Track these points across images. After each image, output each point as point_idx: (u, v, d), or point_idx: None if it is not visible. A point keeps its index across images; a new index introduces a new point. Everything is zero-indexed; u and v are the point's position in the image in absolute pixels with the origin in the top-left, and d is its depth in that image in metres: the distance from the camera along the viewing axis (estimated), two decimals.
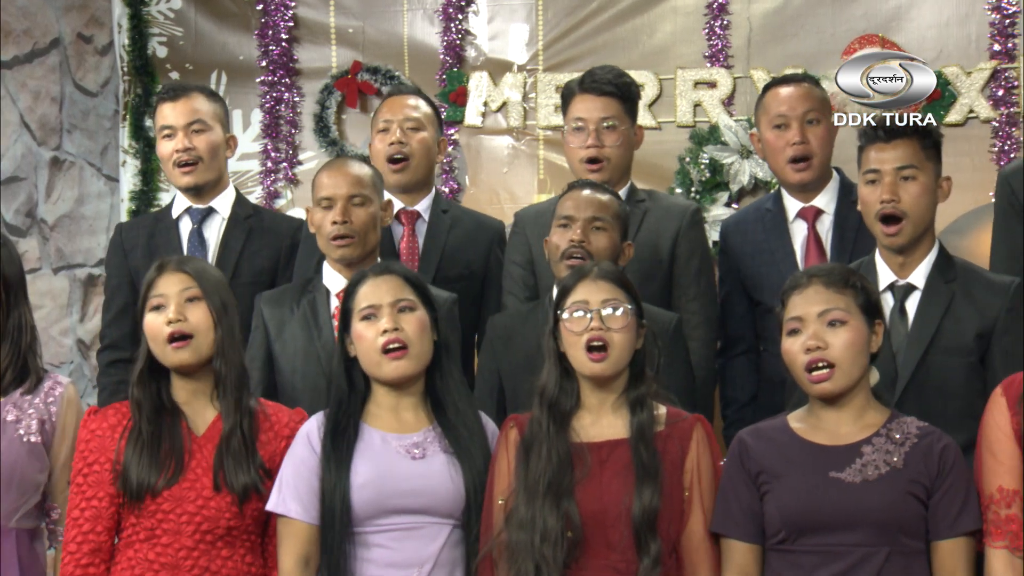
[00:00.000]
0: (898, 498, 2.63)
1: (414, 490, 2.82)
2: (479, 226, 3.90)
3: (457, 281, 3.68)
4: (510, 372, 3.27)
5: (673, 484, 2.74)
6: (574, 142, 3.71)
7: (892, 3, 4.71)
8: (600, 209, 3.26)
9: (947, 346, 3.06)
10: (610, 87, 3.70)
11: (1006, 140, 4.57)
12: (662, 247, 3.62)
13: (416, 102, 3.88)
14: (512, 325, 3.36)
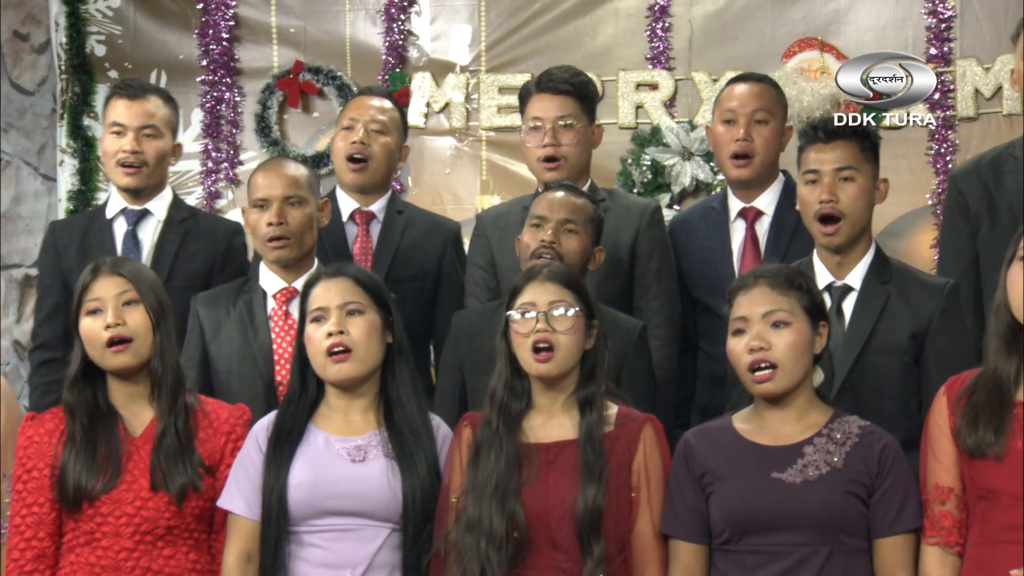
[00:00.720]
0: (838, 498, 2.65)
1: (349, 492, 2.82)
2: (434, 227, 3.89)
3: (410, 281, 3.67)
4: (473, 369, 3.26)
5: (621, 484, 2.75)
6: (531, 141, 3.71)
7: (831, 7, 4.77)
8: (573, 212, 3.27)
9: (882, 346, 3.10)
10: (566, 86, 3.71)
11: (943, 143, 4.63)
12: (622, 246, 3.62)
13: (384, 105, 3.86)
14: (477, 322, 3.35)
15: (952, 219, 3.64)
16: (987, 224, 3.54)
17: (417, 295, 3.70)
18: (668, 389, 3.59)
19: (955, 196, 3.63)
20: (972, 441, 2.62)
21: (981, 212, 3.56)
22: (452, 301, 3.75)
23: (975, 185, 3.59)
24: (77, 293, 2.93)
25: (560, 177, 3.62)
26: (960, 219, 3.61)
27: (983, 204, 3.56)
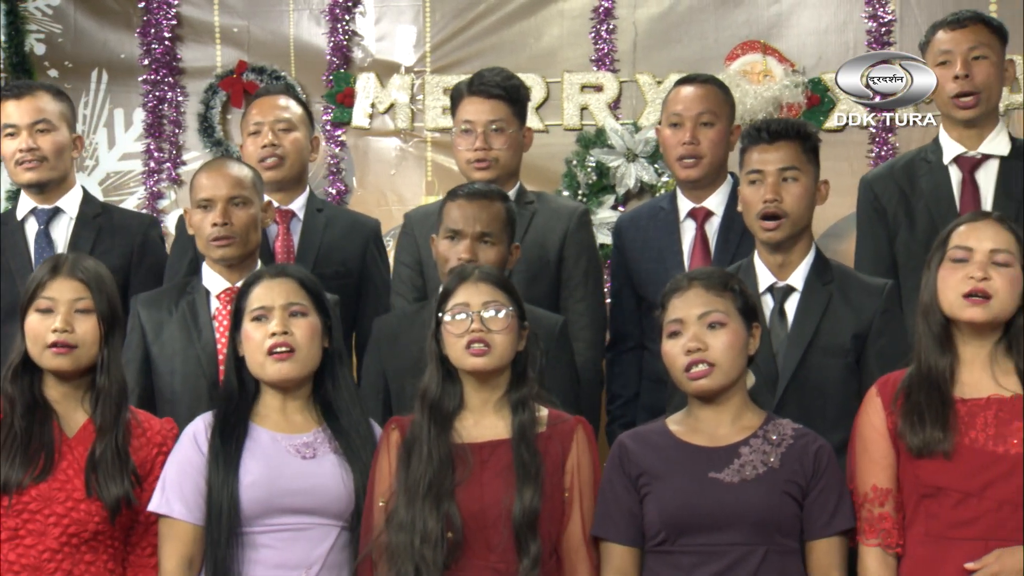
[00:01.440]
0: (775, 498, 2.67)
1: (304, 489, 2.80)
2: (354, 225, 3.89)
3: (333, 279, 3.66)
4: (396, 373, 3.26)
5: (554, 485, 2.76)
6: (462, 144, 3.72)
7: (773, 10, 4.80)
8: (488, 224, 3.25)
9: (825, 347, 3.12)
10: (498, 90, 3.71)
11: (883, 146, 4.68)
12: (550, 248, 3.63)
13: (286, 102, 3.86)
14: (398, 326, 3.34)
15: (869, 223, 3.69)
16: (905, 228, 3.60)
17: (340, 293, 3.67)
18: (593, 391, 3.63)
19: (871, 200, 3.69)
20: (919, 440, 2.65)
21: (899, 216, 3.62)
22: (375, 299, 3.77)
23: (891, 190, 3.65)
24: (31, 287, 2.89)
25: (490, 178, 3.63)
26: (877, 223, 3.66)
27: (900, 208, 3.62)
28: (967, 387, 2.68)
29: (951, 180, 3.61)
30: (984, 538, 2.61)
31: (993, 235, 2.69)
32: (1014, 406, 2.64)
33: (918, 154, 3.71)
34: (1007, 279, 2.66)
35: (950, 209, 3.53)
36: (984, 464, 2.62)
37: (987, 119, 3.62)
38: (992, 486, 2.61)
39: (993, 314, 2.66)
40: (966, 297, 2.66)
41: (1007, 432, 2.62)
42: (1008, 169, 3.57)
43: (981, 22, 3.62)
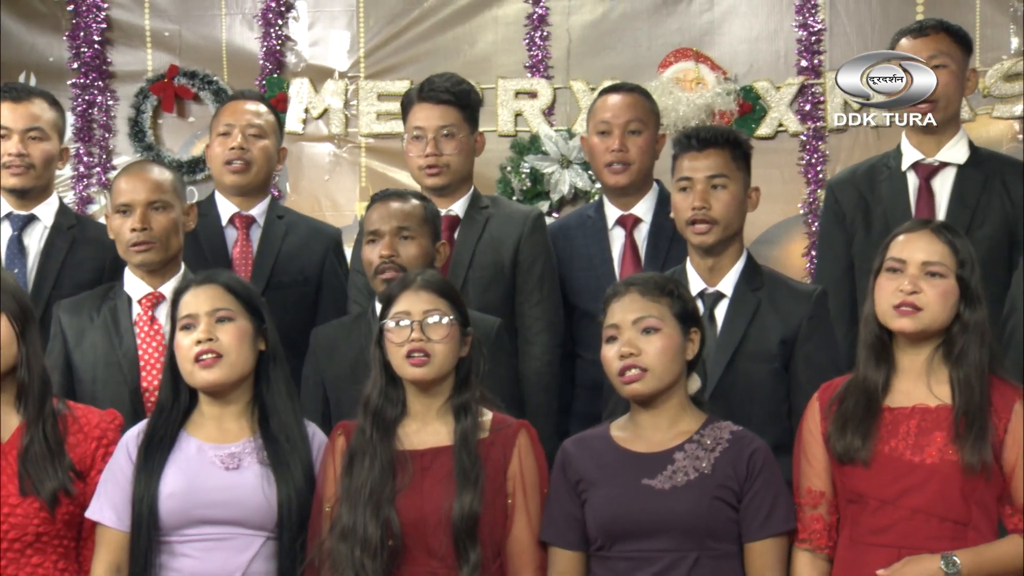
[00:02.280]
0: (705, 504, 2.68)
1: (222, 501, 2.79)
2: (315, 232, 3.87)
3: (291, 287, 3.65)
4: (334, 382, 3.25)
5: (496, 490, 2.76)
6: (413, 151, 3.71)
7: (705, 19, 4.84)
8: (404, 218, 3.26)
9: (753, 352, 3.14)
10: (448, 95, 3.71)
11: (813, 153, 4.73)
12: (504, 253, 3.64)
13: (259, 108, 3.84)
14: (336, 335, 3.34)
15: (829, 227, 3.73)
16: (862, 232, 3.63)
17: (298, 301, 3.68)
18: (549, 396, 3.62)
19: (832, 204, 3.72)
20: (841, 447, 2.69)
21: (857, 220, 3.65)
22: (334, 307, 3.73)
23: (851, 194, 3.68)
24: None
25: (442, 184, 3.63)
26: (837, 227, 3.69)
27: (859, 213, 3.65)
28: (898, 396, 2.71)
29: (908, 187, 3.64)
30: (898, 546, 2.64)
31: (927, 246, 2.72)
32: (937, 416, 2.67)
33: (881, 159, 3.74)
34: (939, 291, 2.69)
35: (906, 215, 3.55)
36: (900, 473, 2.65)
37: (947, 126, 3.64)
38: (907, 495, 2.64)
39: (923, 325, 2.69)
40: (896, 308, 2.69)
41: (925, 442, 2.65)
42: (964, 177, 3.60)
43: (943, 31, 3.64)
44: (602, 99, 3.83)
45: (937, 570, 2.59)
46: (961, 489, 2.63)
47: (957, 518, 2.64)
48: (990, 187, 3.57)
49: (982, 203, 3.55)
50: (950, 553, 2.60)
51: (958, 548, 2.61)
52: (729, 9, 4.82)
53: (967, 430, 2.63)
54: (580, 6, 4.92)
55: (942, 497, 2.63)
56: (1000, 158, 3.73)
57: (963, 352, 2.68)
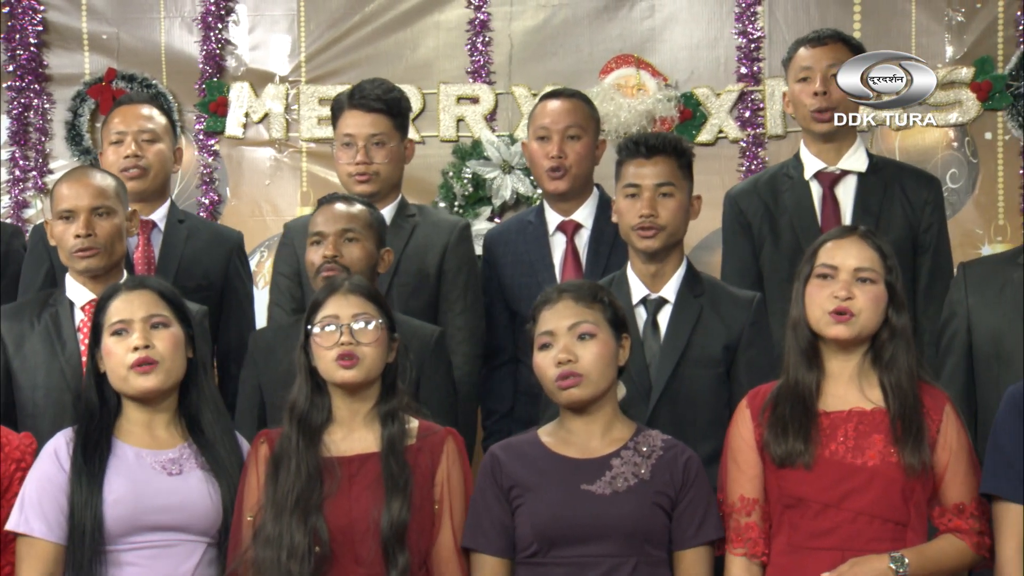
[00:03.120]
0: (646, 509, 2.70)
1: (170, 506, 2.76)
2: (217, 237, 3.86)
3: (195, 292, 3.62)
4: (271, 386, 3.23)
5: (423, 497, 2.76)
6: (343, 158, 3.70)
7: (646, 25, 4.86)
8: (350, 221, 3.26)
9: (697, 358, 3.17)
10: (378, 103, 3.70)
11: (753, 160, 4.77)
12: (430, 262, 3.64)
13: (150, 112, 3.81)
14: (274, 339, 3.32)
15: (734, 237, 3.76)
16: (770, 242, 3.67)
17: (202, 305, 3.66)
18: (470, 405, 3.64)
19: (735, 215, 3.75)
20: (782, 451, 2.70)
21: (763, 230, 3.69)
22: (238, 312, 3.75)
23: (755, 204, 3.72)
24: None
25: (371, 191, 3.63)
26: (742, 237, 3.72)
27: (765, 222, 3.69)
28: (832, 400, 2.74)
29: (812, 195, 3.69)
30: (841, 548, 2.66)
31: (858, 252, 2.75)
32: (874, 419, 2.70)
33: (780, 169, 3.79)
34: (871, 296, 2.72)
35: (812, 224, 3.61)
36: (842, 476, 2.68)
37: (844, 136, 3.70)
38: (849, 497, 2.67)
39: (857, 331, 2.72)
40: (831, 315, 2.71)
41: (865, 444, 2.68)
42: (865, 184, 3.66)
43: (840, 40, 3.71)
44: (542, 105, 3.84)
45: (887, 569, 2.62)
46: (902, 490, 2.67)
47: (898, 519, 2.67)
48: (891, 193, 3.64)
49: (885, 209, 3.62)
50: (896, 552, 2.63)
51: (899, 548, 2.65)
52: (670, 16, 4.85)
53: (906, 433, 2.66)
54: (522, 12, 4.92)
55: (884, 498, 2.66)
56: (897, 165, 3.84)
57: (893, 357, 2.72)
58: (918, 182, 3.68)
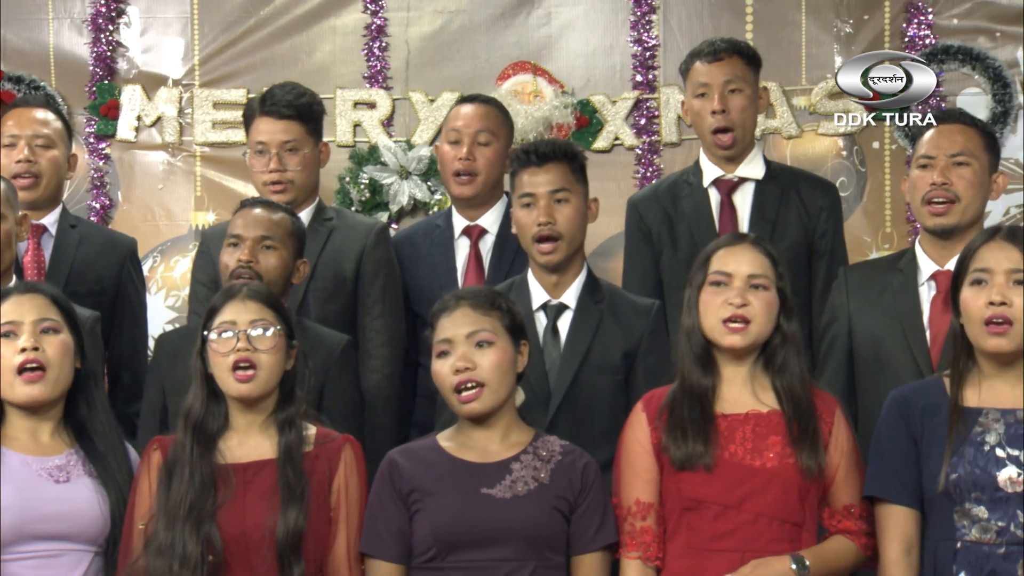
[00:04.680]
0: (545, 513, 2.72)
1: (58, 514, 2.71)
2: (110, 242, 3.81)
3: (87, 297, 3.56)
4: (175, 390, 3.19)
5: (319, 505, 2.75)
6: (257, 165, 3.68)
7: (543, 32, 4.89)
8: (270, 228, 3.24)
9: (597, 364, 3.19)
10: (289, 110, 3.68)
11: (648, 167, 4.82)
12: (347, 265, 3.62)
13: (46, 116, 3.74)
14: (179, 343, 3.28)
15: (635, 244, 3.80)
16: (669, 249, 3.72)
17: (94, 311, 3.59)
18: (389, 408, 3.62)
19: (636, 222, 3.79)
20: (681, 454, 2.73)
21: (663, 237, 3.73)
22: (131, 318, 3.72)
23: (655, 211, 3.76)
24: None
25: (287, 199, 3.60)
26: (643, 244, 3.77)
27: (664, 229, 3.74)
28: (727, 403, 2.78)
29: (711, 202, 3.74)
30: (740, 550, 2.70)
31: (750, 260, 2.79)
32: (770, 421, 2.75)
33: (680, 176, 3.84)
34: (764, 303, 2.76)
35: (710, 230, 3.65)
36: (742, 477, 2.71)
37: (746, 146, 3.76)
38: (749, 499, 2.71)
39: (752, 339, 2.76)
40: (726, 324, 2.75)
41: (763, 447, 2.73)
42: (762, 191, 3.72)
43: (736, 53, 3.74)
44: (456, 109, 3.86)
45: (789, 571, 2.67)
46: (799, 492, 2.72)
47: (795, 520, 2.72)
48: (787, 200, 3.70)
49: (781, 216, 3.68)
50: (797, 553, 2.68)
51: (796, 550, 2.70)
52: (566, 23, 4.88)
53: (803, 435, 2.71)
54: (419, 17, 4.92)
55: (783, 500, 2.71)
56: (794, 172, 3.90)
57: (784, 362, 2.77)
58: (814, 188, 3.75)
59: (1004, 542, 2.60)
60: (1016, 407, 2.65)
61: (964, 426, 2.65)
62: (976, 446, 2.63)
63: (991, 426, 2.65)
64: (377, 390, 3.56)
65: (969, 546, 2.63)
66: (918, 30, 4.69)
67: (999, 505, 2.60)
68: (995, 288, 2.63)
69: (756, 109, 3.77)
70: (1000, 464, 2.61)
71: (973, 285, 2.67)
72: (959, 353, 2.72)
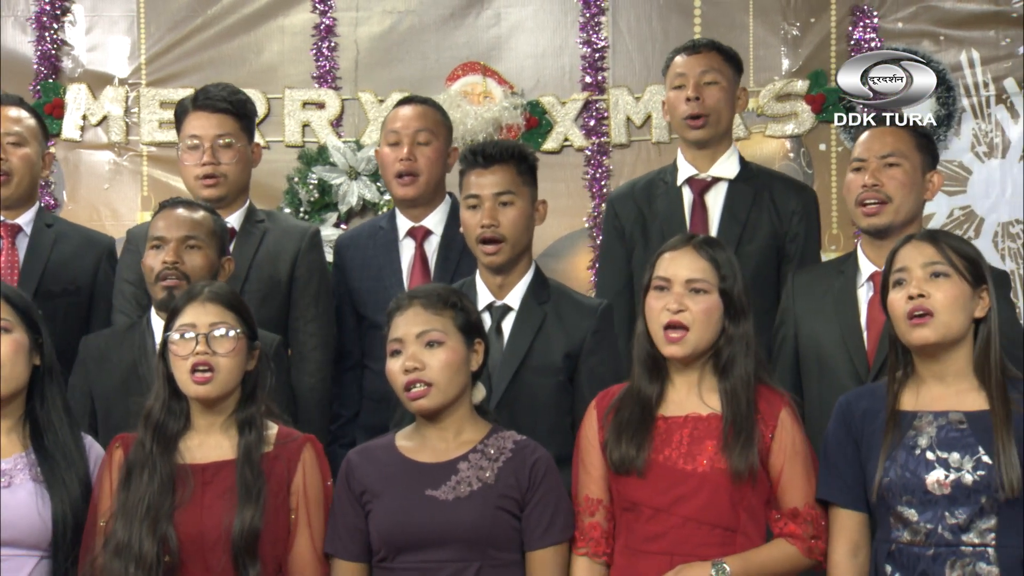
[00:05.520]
0: (488, 514, 2.71)
1: None
2: (87, 241, 3.77)
3: (62, 297, 3.54)
4: (103, 394, 3.19)
5: (279, 505, 2.74)
6: (189, 160, 3.64)
7: (492, 33, 4.90)
8: (193, 227, 3.22)
9: (538, 365, 3.18)
10: (224, 104, 3.65)
11: (598, 168, 4.84)
12: (281, 268, 3.60)
13: (19, 114, 3.70)
14: (106, 346, 3.27)
15: (609, 241, 3.81)
16: (640, 247, 3.72)
17: (69, 311, 3.58)
18: (322, 411, 3.61)
19: (612, 219, 3.80)
20: (617, 456, 2.74)
21: (635, 235, 3.73)
22: (107, 317, 3.64)
23: (630, 209, 3.76)
24: None
25: (219, 195, 3.58)
26: (616, 241, 3.77)
27: (637, 227, 3.74)
28: (672, 405, 2.78)
29: (684, 201, 3.74)
30: (670, 552, 2.70)
31: (689, 264, 2.78)
32: (708, 425, 2.74)
33: (658, 174, 3.83)
34: (702, 308, 2.75)
35: (681, 229, 3.63)
36: (673, 481, 2.72)
37: (719, 142, 3.74)
38: (679, 503, 2.71)
39: (691, 348, 2.74)
40: (665, 332, 2.75)
41: (698, 450, 2.73)
42: (735, 192, 3.71)
43: (715, 49, 3.76)
44: (394, 111, 3.84)
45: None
46: (730, 496, 2.71)
47: (726, 524, 2.72)
48: (759, 202, 3.69)
49: (752, 217, 3.68)
50: (719, 560, 2.68)
51: (727, 554, 2.69)
52: (516, 25, 4.89)
53: (734, 438, 2.71)
54: (368, 18, 4.91)
55: (712, 504, 2.71)
56: (769, 173, 3.86)
57: (730, 363, 2.76)
58: (788, 191, 3.74)
59: (933, 544, 2.62)
60: (949, 409, 2.68)
61: (899, 430, 2.68)
62: (908, 449, 2.66)
63: (924, 429, 2.67)
64: (311, 393, 3.55)
65: (901, 548, 2.65)
66: (864, 33, 4.74)
67: (928, 507, 2.62)
68: (913, 283, 2.67)
69: (733, 105, 3.76)
70: (929, 467, 2.63)
71: (895, 286, 2.71)
72: (896, 358, 2.74)
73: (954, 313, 2.65)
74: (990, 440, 2.60)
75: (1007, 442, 2.59)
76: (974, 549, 2.60)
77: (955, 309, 2.65)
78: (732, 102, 3.76)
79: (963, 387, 2.68)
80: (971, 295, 2.67)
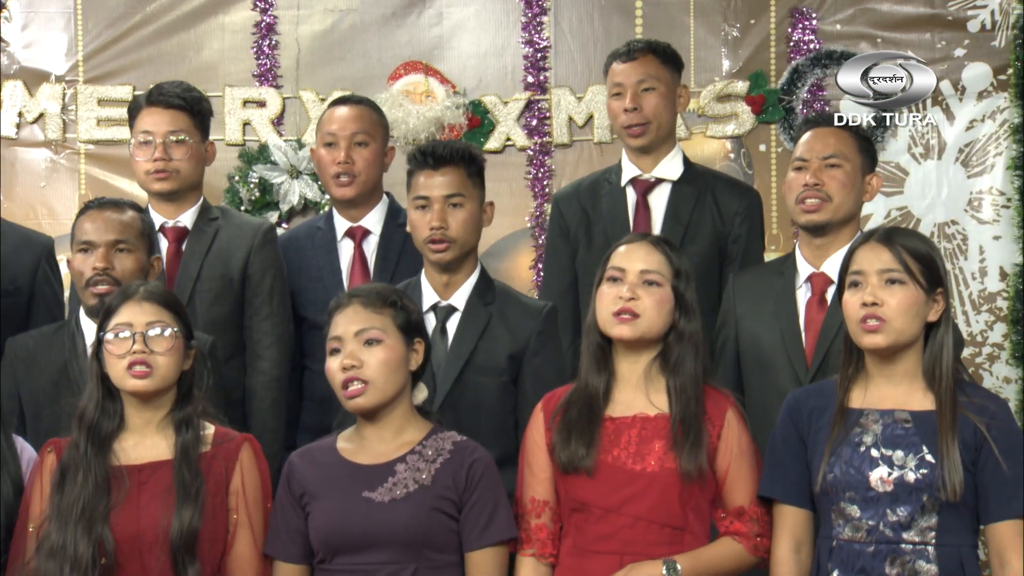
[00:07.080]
0: (423, 515, 2.71)
1: None
2: (26, 241, 3.72)
3: (2, 297, 3.47)
4: (32, 396, 3.17)
5: (217, 505, 2.73)
6: (141, 156, 3.61)
7: (435, 32, 4.89)
8: (122, 231, 3.19)
9: (482, 366, 3.19)
10: (179, 100, 3.63)
11: (540, 167, 4.84)
12: (234, 266, 3.58)
13: None
14: (35, 347, 3.24)
15: (554, 240, 3.82)
16: (584, 246, 3.73)
17: (9, 312, 3.52)
18: (277, 410, 3.59)
19: (557, 218, 3.81)
20: (565, 456, 2.76)
21: (579, 234, 3.75)
22: (48, 317, 3.61)
23: (574, 208, 3.78)
24: None
25: (170, 189, 3.55)
26: (561, 240, 3.79)
27: (581, 227, 3.75)
28: (619, 405, 2.80)
29: (627, 202, 3.76)
30: (620, 552, 2.73)
31: (645, 256, 2.81)
32: (657, 425, 2.77)
33: (603, 175, 3.84)
34: (654, 298, 2.79)
35: (624, 230, 3.65)
36: (623, 481, 2.74)
37: (662, 144, 3.76)
38: (628, 503, 2.73)
39: (641, 332, 2.78)
40: (616, 316, 2.78)
41: (646, 450, 2.75)
42: (677, 193, 3.73)
43: (651, 53, 3.76)
44: (329, 111, 3.82)
45: (660, 574, 2.69)
46: (679, 496, 2.74)
47: (675, 524, 2.75)
48: (702, 203, 3.72)
49: (694, 219, 3.71)
50: (670, 558, 2.71)
51: (676, 553, 2.72)
52: (458, 24, 4.89)
53: (683, 438, 2.74)
54: (309, 16, 4.89)
55: (662, 504, 2.73)
56: (712, 174, 3.89)
57: (679, 361, 2.79)
58: (731, 192, 3.76)
59: (873, 540, 2.65)
60: (896, 408, 2.71)
61: (846, 426, 2.71)
62: (853, 446, 2.69)
63: (870, 427, 2.70)
64: (265, 392, 3.54)
65: (842, 544, 2.68)
66: (803, 35, 4.79)
67: (870, 504, 2.66)
68: (868, 289, 2.70)
69: (673, 107, 3.78)
70: (873, 464, 2.67)
71: (851, 287, 2.74)
72: (848, 355, 2.78)
73: (907, 320, 2.68)
74: (934, 440, 2.64)
75: (951, 444, 2.62)
76: (914, 547, 2.64)
77: (908, 316, 2.68)
78: (672, 105, 3.78)
79: (911, 387, 2.71)
80: (925, 300, 2.70)
